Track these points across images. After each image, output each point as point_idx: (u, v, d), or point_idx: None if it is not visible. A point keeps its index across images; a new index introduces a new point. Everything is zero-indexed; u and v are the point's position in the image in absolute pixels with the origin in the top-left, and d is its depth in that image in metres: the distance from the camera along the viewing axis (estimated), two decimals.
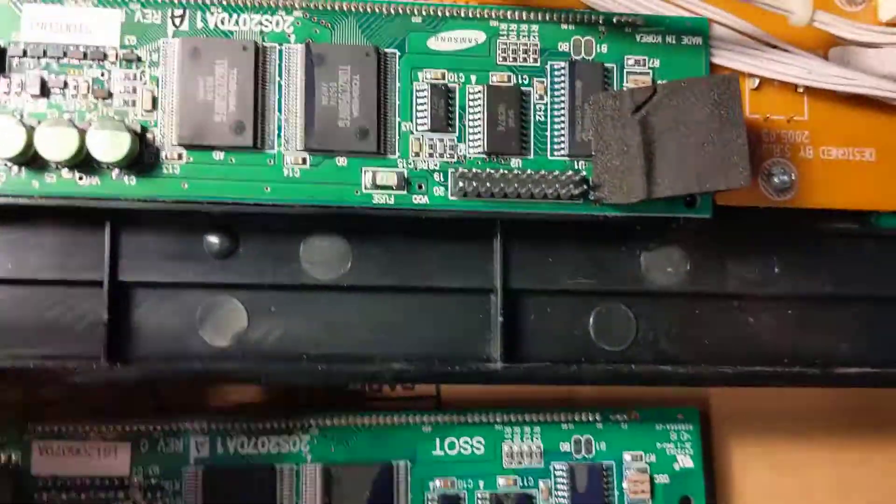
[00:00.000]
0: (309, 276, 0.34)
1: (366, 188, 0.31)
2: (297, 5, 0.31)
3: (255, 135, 0.30)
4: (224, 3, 0.31)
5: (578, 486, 0.35)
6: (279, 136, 0.31)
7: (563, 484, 0.36)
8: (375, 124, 0.31)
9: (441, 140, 0.31)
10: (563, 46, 0.32)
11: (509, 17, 0.32)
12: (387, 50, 0.31)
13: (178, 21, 0.31)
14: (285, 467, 0.34)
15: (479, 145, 0.31)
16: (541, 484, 0.36)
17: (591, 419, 0.36)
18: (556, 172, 0.31)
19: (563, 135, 0.31)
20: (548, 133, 0.31)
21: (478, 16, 0.32)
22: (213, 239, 0.33)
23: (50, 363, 0.32)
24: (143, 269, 0.33)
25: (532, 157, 0.31)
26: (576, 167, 0.31)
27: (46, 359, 0.32)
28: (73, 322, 0.33)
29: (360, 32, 0.31)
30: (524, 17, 0.32)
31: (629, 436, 0.36)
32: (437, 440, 0.35)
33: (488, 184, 0.31)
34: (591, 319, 0.35)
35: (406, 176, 0.31)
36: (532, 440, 0.36)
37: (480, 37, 0.32)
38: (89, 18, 0.31)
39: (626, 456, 0.36)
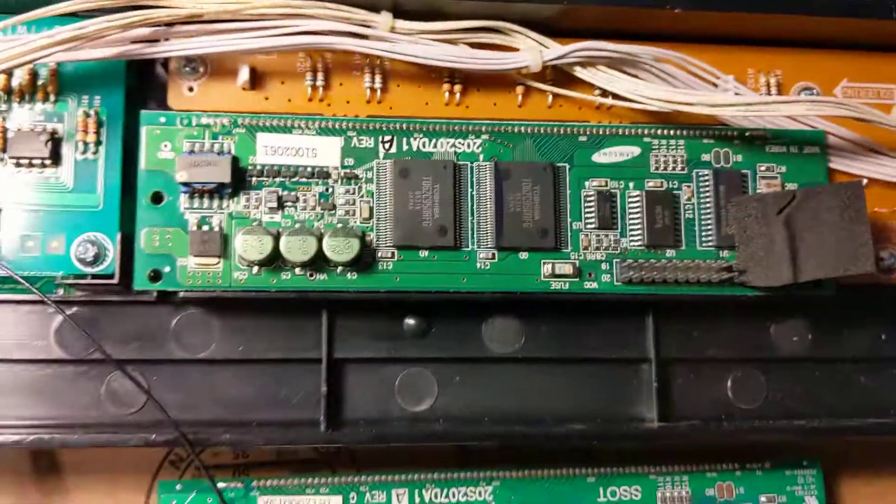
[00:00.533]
0: (489, 350, 0.39)
1: (544, 276, 0.37)
2: (484, 130, 0.38)
3: (456, 236, 0.37)
4: (425, 129, 0.37)
5: None
6: (473, 236, 0.37)
7: None
8: (553, 225, 0.37)
9: (607, 236, 0.37)
10: (706, 157, 0.38)
11: (659, 133, 0.38)
12: (559, 164, 0.38)
13: (387, 145, 0.37)
14: None
15: (640, 239, 0.37)
16: None
17: (730, 468, 0.41)
18: (706, 261, 0.37)
19: (710, 229, 0.37)
20: (696, 228, 0.38)
21: (633, 133, 0.38)
22: (411, 321, 0.39)
23: (285, 431, 0.37)
24: (353, 348, 0.39)
25: (684, 247, 0.37)
26: (721, 255, 0.37)
27: (269, 425, 0.38)
28: (292, 393, 0.39)
29: (536, 150, 0.38)
30: (672, 134, 0.38)
31: (763, 481, 0.41)
32: (600, 489, 0.40)
33: (648, 272, 0.37)
34: (729, 383, 0.40)
35: (578, 266, 0.37)
36: (682, 487, 0.41)
37: (636, 151, 0.38)
38: (314, 143, 0.37)
39: (762, 498, 0.41)
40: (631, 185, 0.38)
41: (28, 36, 0.35)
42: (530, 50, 0.38)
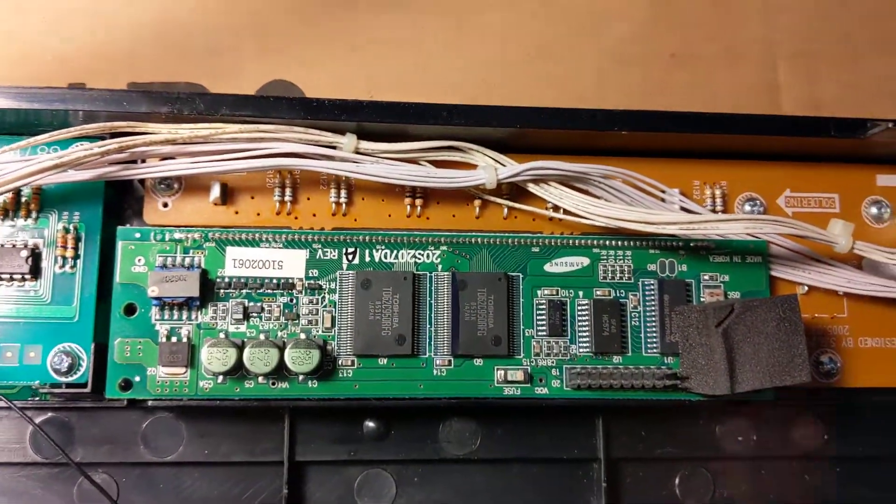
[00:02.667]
0: (446, 451, 0.40)
1: (498, 382, 0.37)
2: (443, 241, 0.38)
3: (413, 344, 0.37)
4: (386, 241, 0.38)
5: None
6: (430, 344, 0.37)
7: None
8: (506, 332, 0.37)
9: (557, 342, 0.38)
10: (651, 266, 0.39)
11: (607, 244, 0.39)
12: (512, 274, 0.38)
13: (350, 257, 0.38)
14: None
15: (588, 346, 0.38)
16: None
17: None
18: (650, 367, 0.37)
19: (655, 337, 0.38)
20: (642, 335, 0.38)
21: (583, 245, 0.39)
22: (371, 424, 0.39)
23: None
24: (315, 451, 0.39)
25: (630, 354, 0.38)
26: (665, 362, 0.38)
27: None
28: (255, 495, 0.39)
29: (492, 260, 0.38)
30: (619, 245, 0.39)
31: None
32: None
33: (595, 378, 0.37)
34: (677, 480, 0.41)
35: (529, 372, 0.37)
36: None
37: (585, 261, 0.39)
38: (281, 256, 0.38)
39: None
40: (580, 293, 0.38)
41: (12, 164, 0.36)
42: (486, 168, 0.39)
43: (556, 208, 0.40)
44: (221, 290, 0.37)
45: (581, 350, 0.38)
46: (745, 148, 0.42)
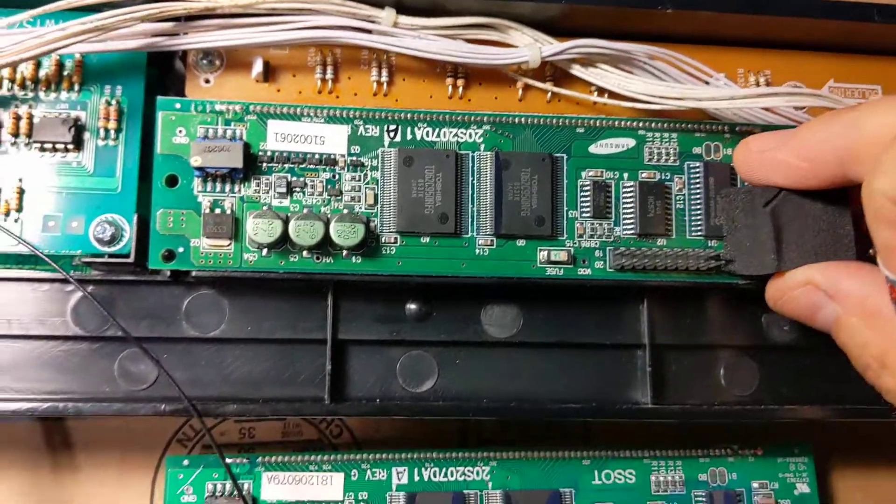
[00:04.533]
0: (488, 334, 0.39)
1: (541, 263, 0.36)
2: (485, 121, 0.37)
3: (456, 223, 0.36)
4: (429, 119, 0.36)
5: None
6: (473, 224, 0.36)
7: None
8: (549, 213, 0.36)
9: (601, 224, 0.36)
10: (697, 150, 0.37)
11: (653, 126, 0.37)
12: (557, 155, 0.37)
13: (392, 134, 0.37)
14: (471, 493, 0.38)
15: (633, 228, 0.36)
16: None
17: (723, 453, 0.40)
18: (694, 249, 0.36)
19: (700, 219, 0.36)
20: (686, 218, 0.37)
21: (629, 126, 0.37)
22: (413, 306, 0.38)
23: (290, 405, 0.36)
24: (357, 329, 0.38)
25: (674, 237, 0.36)
26: (709, 245, 0.36)
27: (277, 401, 0.37)
28: (297, 372, 0.38)
29: (536, 141, 0.37)
30: (665, 127, 0.37)
31: (755, 467, 0.40)
32: (595, 472, 0.39)
33: (639, 259, 0.36)
34: (722, 370, 0.39)
35: (572, 253, 0.36)
36: (675, 471, 0.40)
37: (631, 143, 0.37)
38: (323, 131, 0.36)
39: (754, 484, 0.40)
40: (625, 175, 0.37)
41: (51, 27, 0.34)
42: (530, 46, 0.37)
43: (600, 92, 0.38)
44: (264, 164, 0.36)
45: (625, 233, 0.36)
46: (790, 36, 0.40)
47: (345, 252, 0.35)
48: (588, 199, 0.36)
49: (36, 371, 0.36)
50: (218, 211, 0.35)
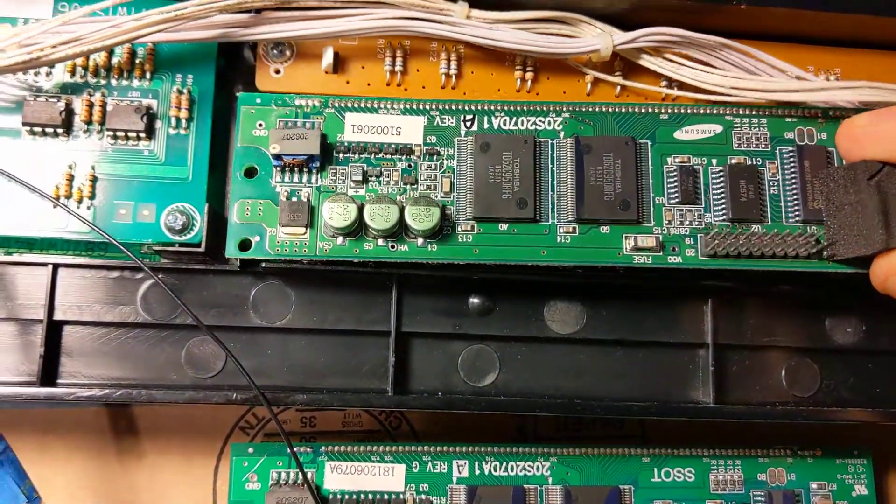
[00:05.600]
0: (550, 330, 0.37)
1: (627, 251, 0.34)
2: (564, 109, 0.35)
3: (536, 209, 0.34)
4: (506, 109, 0.35)
5: None
6: (553, 210, 0.34)
7: None
8: (635, 198, 0.34)
9: (690, 210, 0.34)
10: (789, 135, 0.35)
11: (741, 112, 0.35)
12: (640, 141, 0.35)
13: (468, 124, 0.35)
14: (531, 488, 0.37)
15: (724, 214, 0.34)
16: None
17: (782, 454, 0.38)
18: (792, 235, 0.34)
19: (797, 204, 0.34)
20: (781, 204, 0.34)
21: (714, 112, 0.35)
22: (476, 300, 0.37)
23: (357, 396, 0.35)
24: (420, 322, 0.37)
25: (770, 222, 0.34)
26: (808, 231, 0.34)
27: (343, 392, 0.35)
28: (361, 363, 0.36)
29: (618, 128, 0.35)
30: (755, 112, 0.35)
31: (814, 468, 0.38)
32: (655, 469, 0.37)
33: (733, 245, 0.33)
34: (784, 371, 0.37)
35: (661, 240, 0.34)
36: (734, 471, 0.38)
37: (718, 128, 0.35)
38: (399, 122, 0.35)
39: (813, 485, 0.38)
40: (714, 161, 0.35)
41: (129, 16, 0.34)
42: (601, 35, 0.36)
43: (669, 84, 0.37)
44: (341, 154, 0.34)
45: (717, 219, 0.34)
46: (860, 35, 0.38)
47: (420, 239, 0.34)
48: (675, 184, 0.34)
49: (105, 357, 0.35)
50: (294, 199, 0.34)
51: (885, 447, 0.41)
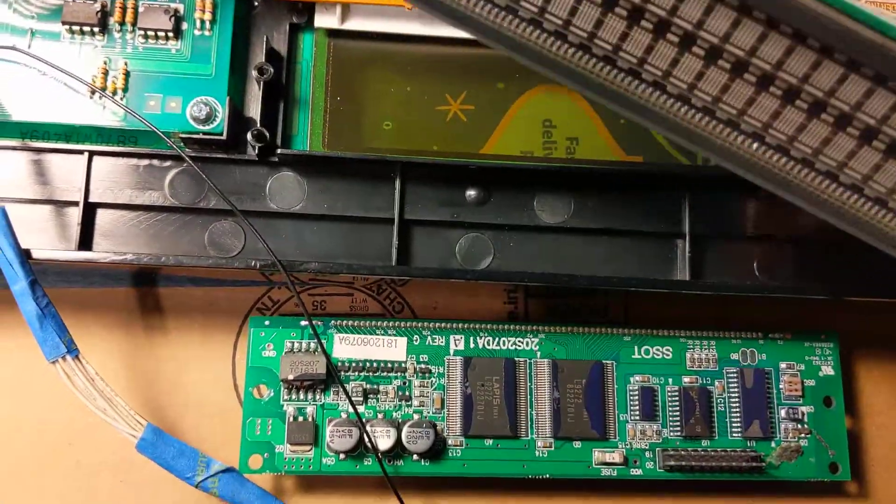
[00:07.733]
0: (540, 219, 0.40)
1: None
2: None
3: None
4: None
5: (746, 385, 0.40)
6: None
7: (734, 384, 0.40)
8: None
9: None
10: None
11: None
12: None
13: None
14: (521, 361, 0.40)
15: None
16: (716, 383, 0.41)
17: (754, 336, 0.41)
18: None
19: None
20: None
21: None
22: (472, 192, 0.40)
23: (364, 265, 0.38)
24: (421, 211, 0.39)
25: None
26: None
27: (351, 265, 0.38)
28: (367, 247, 0.39)
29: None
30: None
31: (784, 349, 0.41)
32: (635, 347, 0.41)
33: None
34: (756, 262, 0.40)
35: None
36: (709, 350, 0.41)
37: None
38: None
39: (782, 364, 0.41)
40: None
41: None
42: None
43: None
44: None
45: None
46: None
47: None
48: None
49: (135, 237, 0.38)
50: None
51: (850, 335, 0.43)
